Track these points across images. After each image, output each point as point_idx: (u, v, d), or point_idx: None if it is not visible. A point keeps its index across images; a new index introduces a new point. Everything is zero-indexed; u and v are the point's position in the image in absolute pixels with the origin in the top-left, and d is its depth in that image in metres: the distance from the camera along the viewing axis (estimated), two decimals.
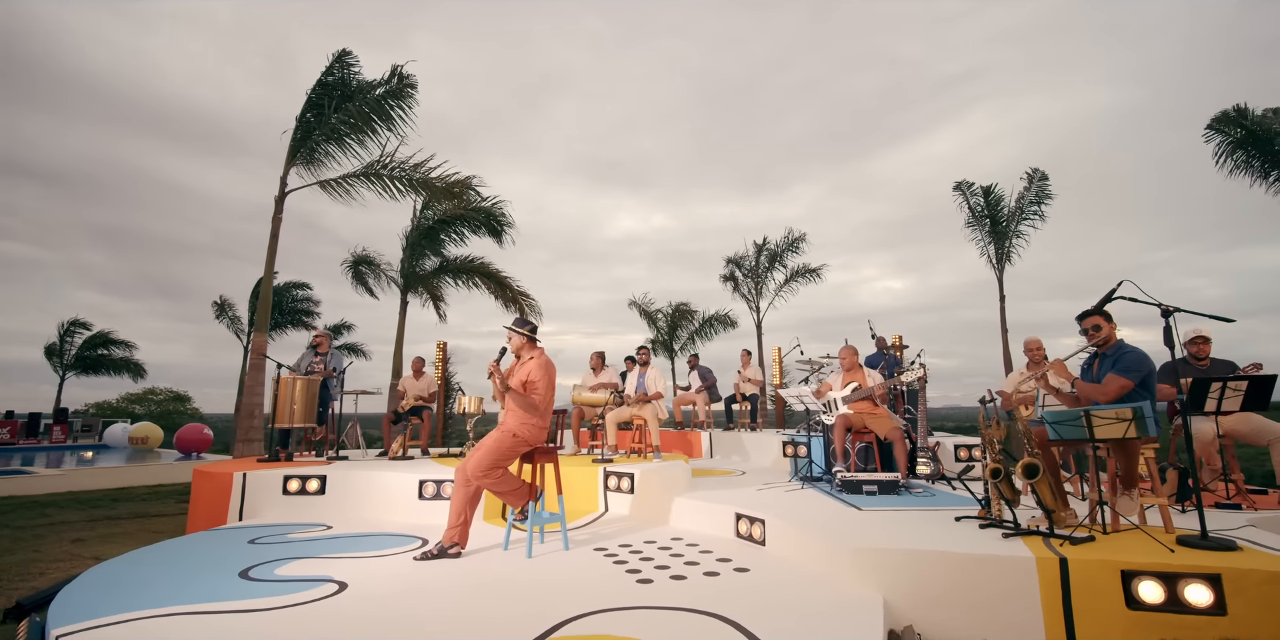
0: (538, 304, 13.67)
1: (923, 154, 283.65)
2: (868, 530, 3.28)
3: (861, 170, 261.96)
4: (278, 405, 6.03)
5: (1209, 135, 10.34)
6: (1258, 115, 9.93)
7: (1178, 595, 2.44)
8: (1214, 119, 10.23)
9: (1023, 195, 12.04)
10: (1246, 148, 9.98)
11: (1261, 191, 10.01)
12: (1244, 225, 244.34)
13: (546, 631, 2.37)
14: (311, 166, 8.55)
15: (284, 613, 2.61)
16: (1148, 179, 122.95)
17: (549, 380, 3.76)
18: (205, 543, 4.03)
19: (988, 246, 12.42)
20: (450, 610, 2.65)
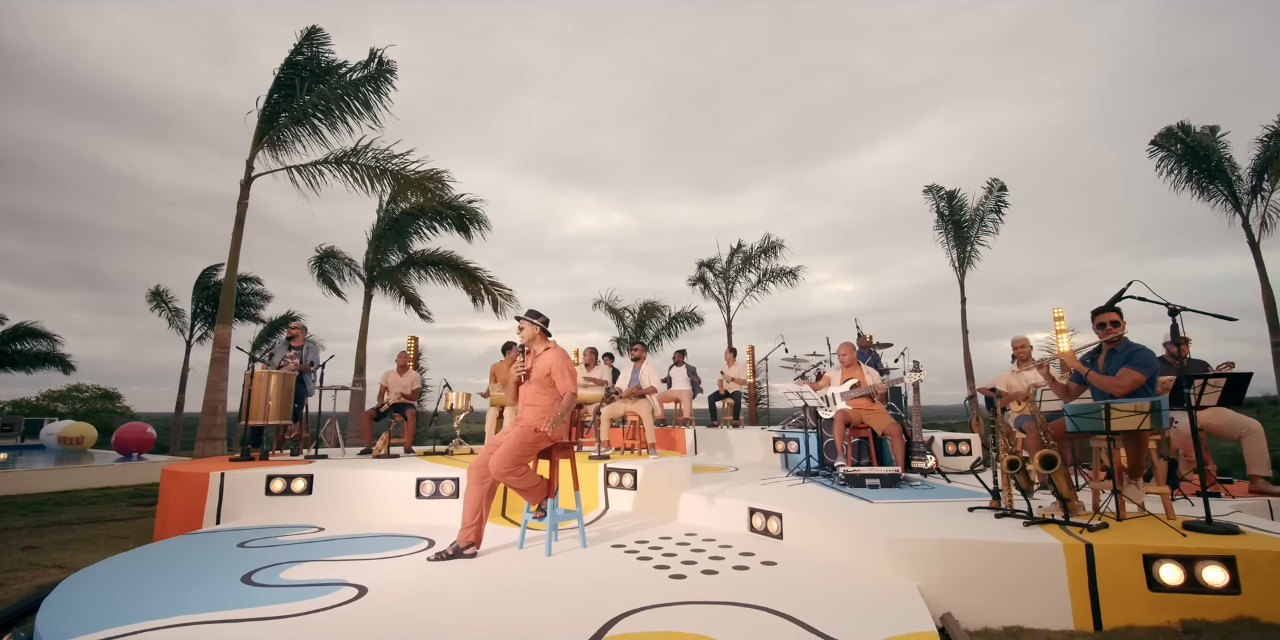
0: (513, 295, 13.39)
1: (879, 160, 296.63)
2: (892, 521, 3.34)
3: (819, 175, 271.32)
4: (251, 401, 5.69)
5: (1153, 150, 11.06)
6: (1197, 132, 10.68)
7: (1196, 577, 2.59)
8: (1158, 135, 10.96)
9: (983, 203, 12.59)
10: (1187, 162, 10.72)
11: (1181, 207, 10.79)
12: (1166, 238, 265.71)
13: (601, 630, 2.31)
14: (278, 151, 8.11)
15: (305, 620, 2.45)
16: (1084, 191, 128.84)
17: (572, 371, 3.67)
18: (189, 547, 3.76)
19: (951, 250, 12.94)
20: (490, 613, 2.55)
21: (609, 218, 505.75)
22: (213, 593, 2.82)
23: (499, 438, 3.65)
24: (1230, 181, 10.28)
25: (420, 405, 13.26)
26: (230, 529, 4.26)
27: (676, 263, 40.57)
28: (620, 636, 2.25)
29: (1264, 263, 9.90)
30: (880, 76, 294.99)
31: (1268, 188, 10.01)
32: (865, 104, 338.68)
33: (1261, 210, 10.06)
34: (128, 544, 4.75)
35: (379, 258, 13.42)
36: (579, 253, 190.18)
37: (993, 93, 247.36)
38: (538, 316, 3.81)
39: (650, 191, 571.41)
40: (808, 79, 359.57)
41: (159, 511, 4.96)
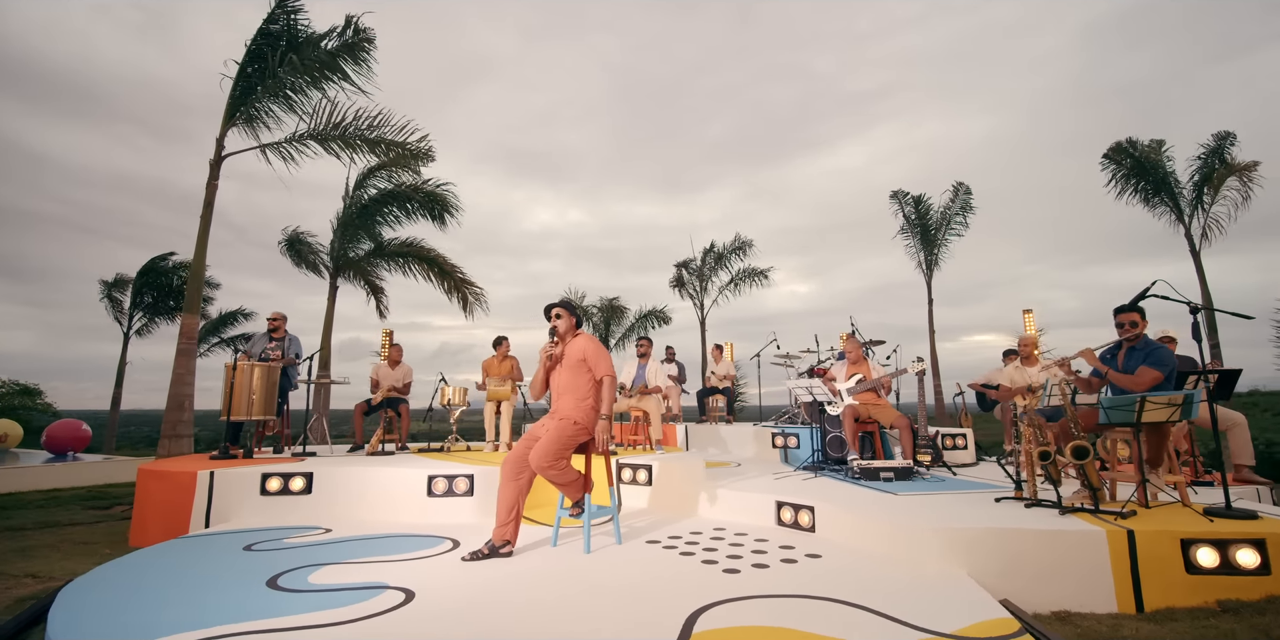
0: (484, 293, 13.06)
1: (832, 165, 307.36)
2: (928, 513, 3.41)
3: (775, 177, 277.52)
4: (233, 395, 5.33)
5: (1104, 163, 11.77)
6: (1144, 147, 11.43)
7: (1229, 559, 2.75)
8: (1109, 149, 11.67)
9: (949, 206, 13.10)
10: (1135, 176, 11.46)
11: (1110, 217, 11.54)
12: (1092, 248, 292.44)
13: (685, 628, 2.25)
14: (252, 126, 7.62)
15: (356, 629, 2.27)
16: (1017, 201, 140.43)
17: (608, 355, 3.59)
18: (190, 551, 3.47)
19: (918, 253, 13.41)
20: (561, 616, 2.46)
21: (567, 214, 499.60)
22: (238, 599, 2.61)
23: (536, 430, 3.53)
24: (1175, 194, 11.06)
25: None
26: (230, 531, 3.96)
27: (636, 261, 40.78)
28: (709, 633, 2.20)
29: (1204, 270, 10.73)
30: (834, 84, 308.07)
31: (1207, 201, 10.83)
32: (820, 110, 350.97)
33: (1202, 222, 10.88)
34: (100, 550, 4.36)
35: (345, 246, 12.83)
36: (537, 249, 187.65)
37: (937, 105, 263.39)
38: (572, 307, 3.70)
39: (610, 189, 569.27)
40: (766, 83, 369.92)
41: (136, 514, 4.58)
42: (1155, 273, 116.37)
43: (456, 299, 13.04)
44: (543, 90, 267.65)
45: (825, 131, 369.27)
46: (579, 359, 3.53)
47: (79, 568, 3.79)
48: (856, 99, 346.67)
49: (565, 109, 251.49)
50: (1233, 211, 10.83)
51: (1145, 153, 11.33)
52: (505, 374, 6.28)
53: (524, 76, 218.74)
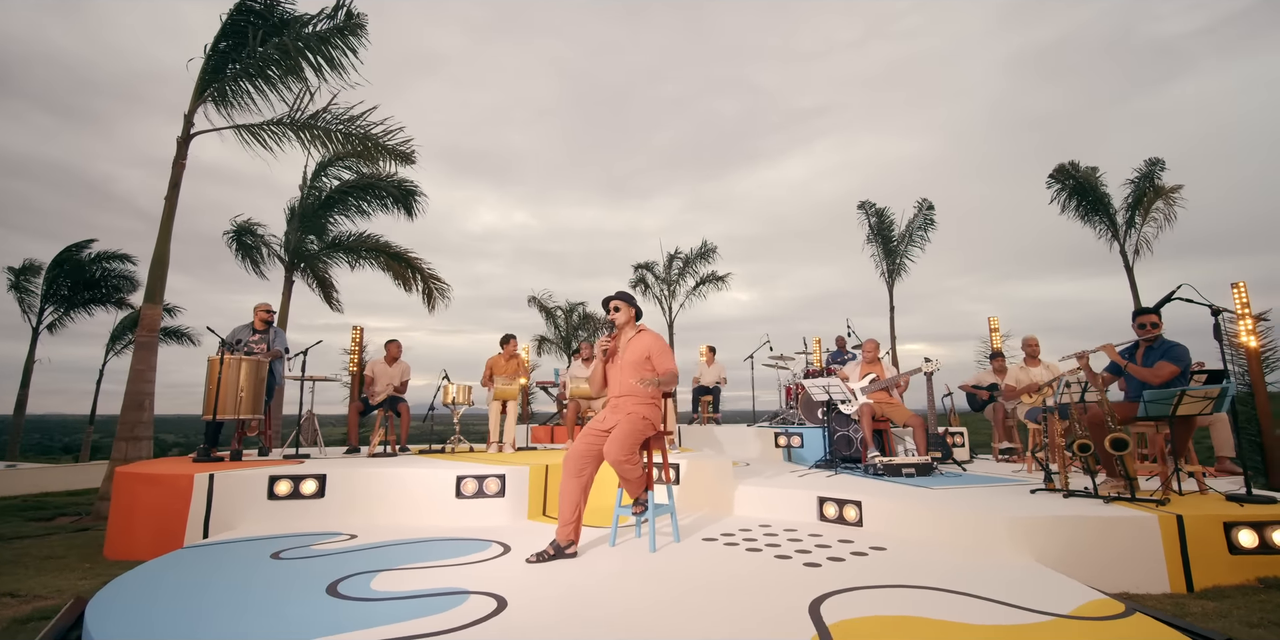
0: (450, 289, 12.58)
1: (774, 177, 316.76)
2: (981, 504, 3.54)
3: (719, 187, 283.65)
4: (219, 392, 4.88)
5: (1050, 182, 12.71)
6: (1084, 170, 12.43)
7: (1266, 539, 2.99)
8: (1055, 170, 12.61)
9: (913, 220, 13.79)
10: (1075, 195, 12.44)
11: (1026, 237, 12.57)
12: (1010, 263, 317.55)
13: (815, 620, 2.22)
14: (225, 107, 7.03)
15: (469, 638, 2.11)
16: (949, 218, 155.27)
17: (672, 354, 3.51)
18: (209, 561, 3.12)
19: (881, 261, 14.01)
20: (683, 614, 2.37)
21: (512, 216, 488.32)
22: (309, 610, 2.37)
23: (597, 425, 3.40)
24: (1111, 214, 12.09)
25: None
26: (244, 539, 3.60)
27: (583, 266, 40.64)
28: (845, 623, 2.18)
29: (1136, 285, 11.76)
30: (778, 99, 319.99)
31: (1139, 222, 11.89)
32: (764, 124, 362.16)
33: (1135, 240, 11.94)
34: (73, 564, 3.88)
35: (301, 239, 12.08)
36: (479, 250, 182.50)
37: (873, 125, 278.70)
38: (632, 299, 3.60)
39: (557, 192, 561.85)
40: (713, 94, 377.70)
41: (115, 523, 4.10)
42: (1077, 287, 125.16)
43: (420, 293, 12.51)
44: (490, 90, 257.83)
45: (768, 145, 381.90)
46: (642, 356, 3.42)
47: (61, 584, 3.36)
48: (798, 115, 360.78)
49: (513, 110, 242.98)
50: (1159, 232, 11.94)
51: (1085, 174, 12.34)
52: (513, 373, 6.07)
53: (470, 75, 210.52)
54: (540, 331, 19.16)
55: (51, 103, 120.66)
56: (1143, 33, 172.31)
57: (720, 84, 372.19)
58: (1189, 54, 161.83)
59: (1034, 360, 5.44)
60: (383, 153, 8.12)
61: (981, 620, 2.21)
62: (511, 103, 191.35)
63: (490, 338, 5.40)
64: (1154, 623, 2.19)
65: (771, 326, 26.38)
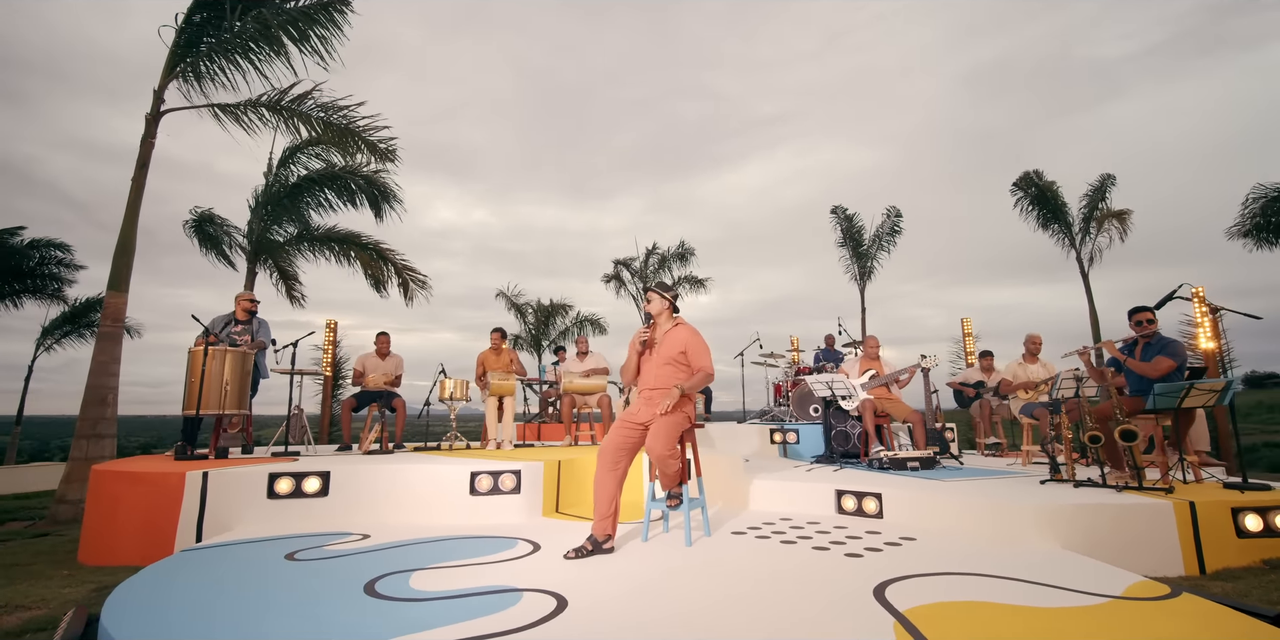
0: (428, 281, 12.18)
1: (734, 182, 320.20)
2: (999, 494, 3.64)
3: (681, 190, 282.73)
4: (203, 385, 4.56)
5: (1014, 190, 13.31)
6: (1044, 181, 13.06)
7: (1269, 523, 3.18)
8: (1019, 178, 13.22)
9: (881, 226, 14.20)
10: (1036, 204, 13.06)
11: (971, 245, 13.18)
12: (957, 270, 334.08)
13: (887, 607, 2.23)
14: (196, 85, 6.62)
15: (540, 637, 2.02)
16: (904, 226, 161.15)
17: (709, 351, 3.46)
18: (217, 564, 2.90)
19: (853, 265, 14.37)
20: (752, 606, 2.34)
21: (471, 213, 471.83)
22: (345, 612, 2.22)
23: (631, 418, 3.33)
24: (1069, 223, 12.76)
25: None
26: (249, 541, 3.37)
27: (544, 264, 40.29)
28: (921, 608, 2.19)
29: (1092, 290, 12.46)
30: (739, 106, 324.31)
31: (1093, 231, 12.59)
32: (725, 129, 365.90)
33: (1090, 248, 12.63)
34: (46, 570, 3.57)
35: (266, 228, 11.50)
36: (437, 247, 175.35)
37: (831, 134, 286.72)
38: (668, 289, 3.55)
39: (518, 190, 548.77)
40: (675, 98, 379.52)
41: (90, 527, 3.78)
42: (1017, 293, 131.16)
43: (397, 287, 12.09)
44: (449, 84, 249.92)
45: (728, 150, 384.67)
46: (679, 351, 3.33)
47: (44, 593, 3.08)
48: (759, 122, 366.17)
49: (473, 105, 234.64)
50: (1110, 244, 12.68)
51: (1046, 185, 12.98)
52: (505, 367, 5.91)
53: (429, 68, 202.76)
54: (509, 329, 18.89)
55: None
56: (1080, 56, 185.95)
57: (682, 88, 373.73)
58: (1122, 77, 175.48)
59: (1033, 357, 5.66)
60: (363, 147, 7.82)
61: (1043, 603, 2.26)
62: (471, 97, 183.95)
63: (446, 337, 5.26)
64: (1205, 602, 2.28)
65: (729, 329, 26.83)
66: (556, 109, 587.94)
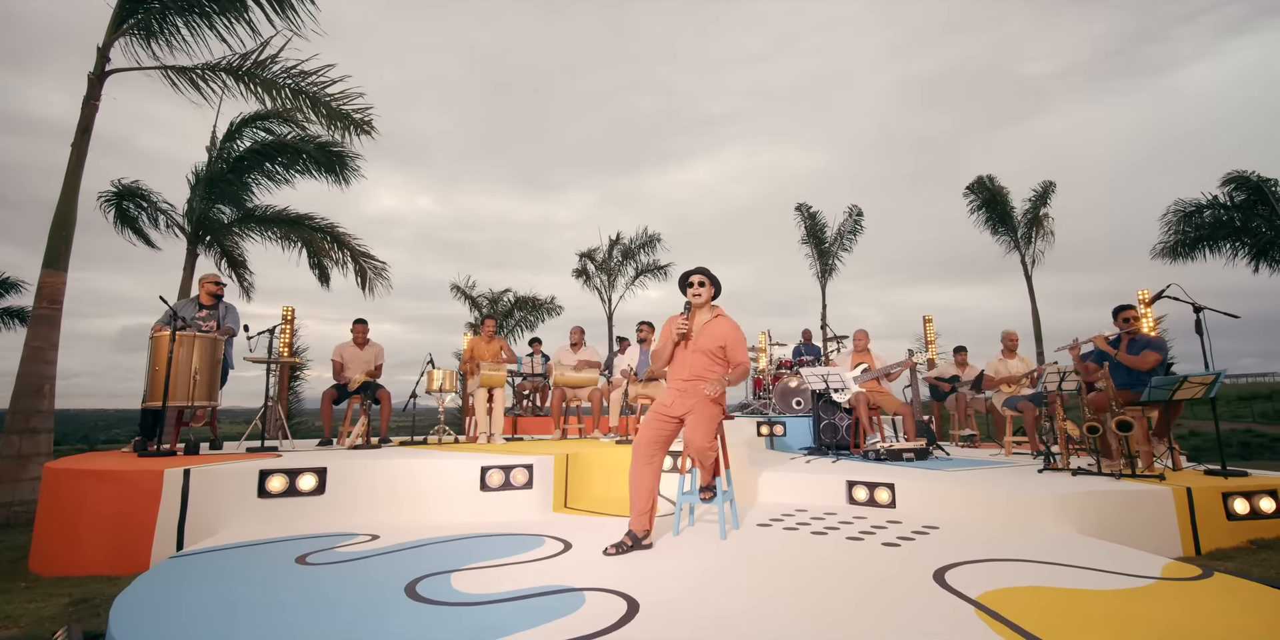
0: (387, 269, 11.58)
1: (683, 179, 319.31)
2: (1010, 483, 3.77)
3: (631, 184, 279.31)
4: (169, 373, 4.14)
5: (966, 193, 13.96)
6: (994, 185, 13.77)
7: (1255, 507, 3.43)
8: (972, 182, 13.88)
9: (844, 223, 14.59)
10: (986, 207, 13.76)
11: (907, 248, 13.94)
12: (894, 271, 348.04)
13: (961, 596, 2.24)
14: (149, 44, 5.98)
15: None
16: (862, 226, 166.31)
17: (745, 342, 3.39)
18: (222, 568, 2.62)
19: (816, 262, 14.72)
20: (822, 598, 2.30)
21: (415, 201, 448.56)
22: (396, 618, 2.05)
23: (663, 410, 3.22)
24: (1015, 227, 13.52)
25: None
26: (252, 543, 3.06)
27: (492, 256, 39.29)
28: (991, 593, 2.22)
29: (1034, 290, 13.28)
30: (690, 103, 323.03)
31: (1035, 236, 13.41)
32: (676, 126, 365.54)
33: (1032, 251, 13.44)
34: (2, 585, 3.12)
35: (209, 207, 10.63)
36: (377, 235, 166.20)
37: (777, 136, 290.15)
38: (714, 277, 3.39)
39: (465, 179, 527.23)
40: (629, 93, 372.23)
41: (43, 533, 3.36)
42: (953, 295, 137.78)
43: (355, 273, 11.44)
44: (395, 66, 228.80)
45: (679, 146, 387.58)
46: (718, 345, 3.22)
47: (8, 610, 2.71)
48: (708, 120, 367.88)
49: (421, 90, 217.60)
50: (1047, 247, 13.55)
51: (998, 189, 13.69)
52: (495, 356, 5.68)
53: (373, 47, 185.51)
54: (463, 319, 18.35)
55: None
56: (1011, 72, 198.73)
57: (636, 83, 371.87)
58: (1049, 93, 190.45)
59: (1011, 353, 5.92)
60: (336, 119, 7.31)
61: (1098, 586, 2.33)
62: (419, 82, 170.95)
63: (387, 328, 5.03)
64: (1238, 580, 2.42)
65: None
66: (508, 97, 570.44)
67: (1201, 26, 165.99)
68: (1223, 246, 11.69)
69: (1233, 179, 11.40)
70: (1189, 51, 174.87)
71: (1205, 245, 11.74)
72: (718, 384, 3.12)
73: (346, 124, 7.16)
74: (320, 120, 7.07)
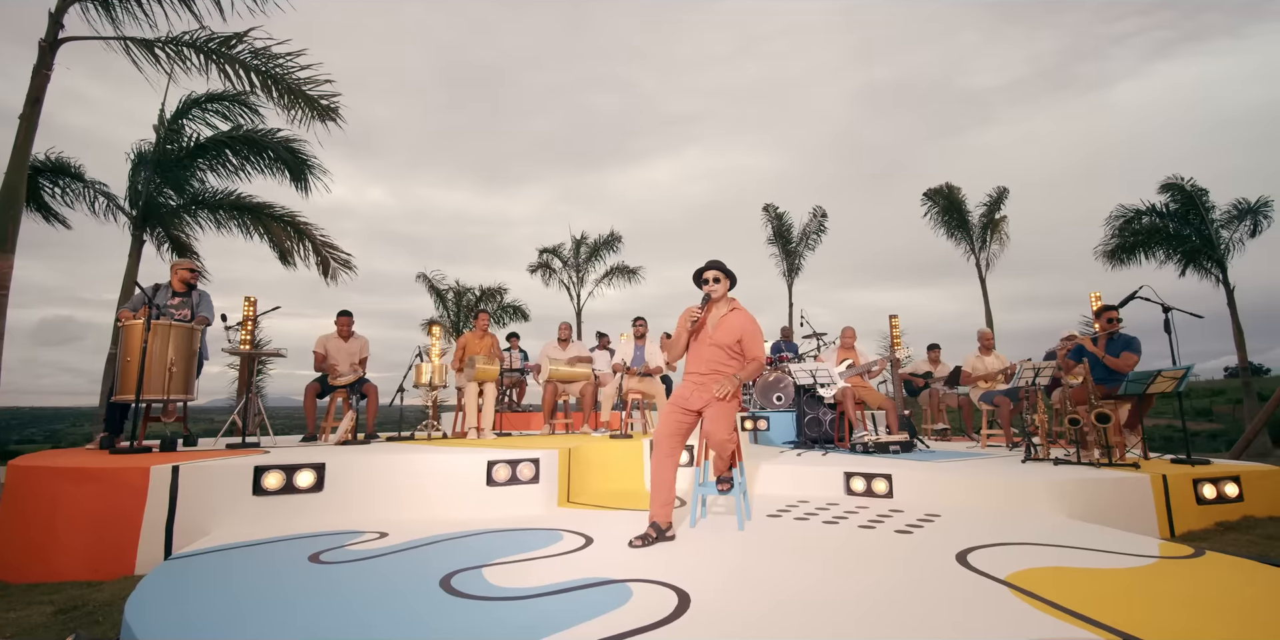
0: (353, 260, 11.12)
1: (644, 177, 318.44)
2: (1002, 472, 3.95)
3: (591, 182, 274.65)
4: (144, 364, 3.87)
5: (924, 200, 14.53)
6: (950, 191, 14.39)
7: (1220, 492, 3.71)
8: (927, 191, 14.45)
9: (809, 224, 14.94)
10: (944, 212, 14.36)
11: (860, 250, 14.55)
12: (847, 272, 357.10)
13: (990, 577, 2.34)
14: (108, 12, 5.55)
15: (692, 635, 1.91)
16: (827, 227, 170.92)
17: (762, 336, 3.42)
18: (230, 568, 2.47)
19: (782, 261, 15.02)
20: (857, 583, 2.36)
21: (366, 192, 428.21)
22: (436, 613, 1.99)
23: (681, 403, 3.22)
24: (970, 231, 14.16)
25: None
26: (257, 542, 2.90)
27: (448, 250, 38.69)
28: (1018, 573, 2.32)
29: (988, 292, 13.95)
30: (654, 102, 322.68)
31: (989, 240, 14.10)
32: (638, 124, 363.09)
33: (986, 255, 14.12)
34: None
35: (156, 191, 9.97)
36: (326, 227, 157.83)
37: (735, 138, 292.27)
38: (730, 271, 3.40)
39: (419, 171, 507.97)
40: (590, 90, 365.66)
41: (6, 536, 3.09)
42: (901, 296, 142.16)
43: (316, 264, 10.96)
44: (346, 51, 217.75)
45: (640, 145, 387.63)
46: (734, 338, 3.23)
47: None
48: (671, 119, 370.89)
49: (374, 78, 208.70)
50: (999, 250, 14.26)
51: (952, 195, 14.30)
52: (488, 351, 5.56)
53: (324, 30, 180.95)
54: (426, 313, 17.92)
55: None
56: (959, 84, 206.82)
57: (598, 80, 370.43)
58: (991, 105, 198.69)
59: (987, 351, 6.20)
60: (301, 103, 6.98)
61: (1109, 566, 2.48)
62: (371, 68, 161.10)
63: (329, 324, 4.84)
64: (1228, 557, 2.61)
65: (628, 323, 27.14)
66: (465, 89, 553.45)
67: (1131, 48, 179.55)
68: (1157, 252, 12.57)
69: (1170, 186, 12.24)
70: (1121, 70, 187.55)
71: (1142, 250, 12.59)
72: (728, 383, 3.13)
73: (312, 110, 6.84)
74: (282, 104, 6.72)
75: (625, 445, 4.82)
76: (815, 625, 1.90)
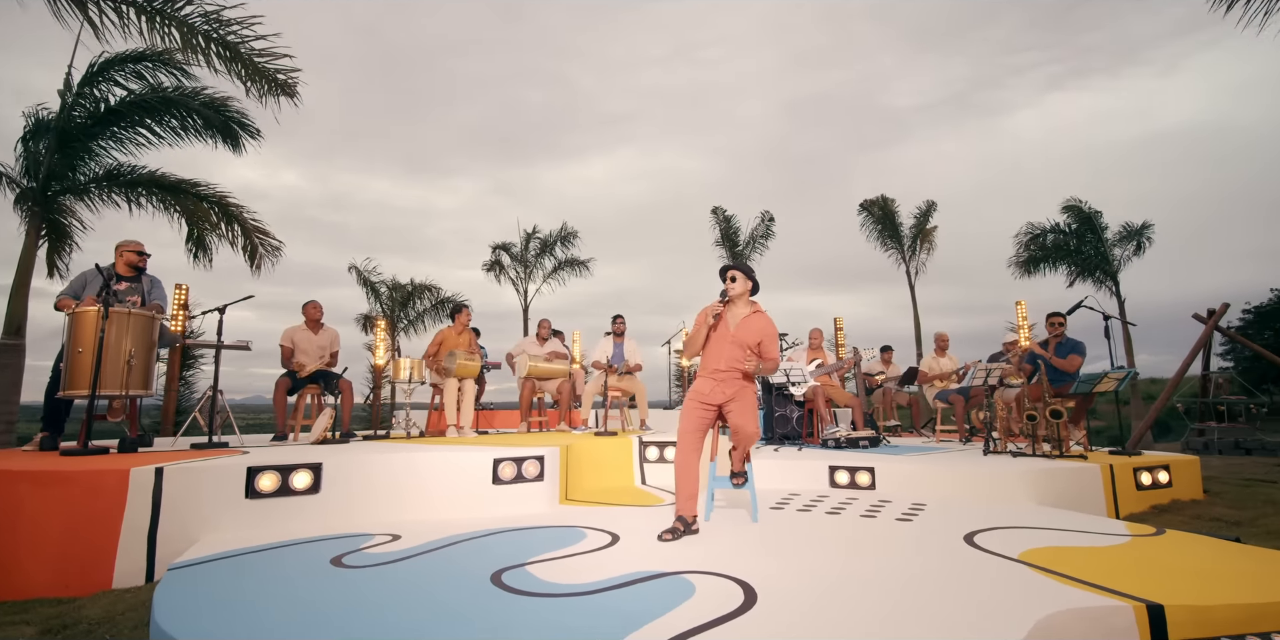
0: (284, 247, 10.34)
1: (579, 174, 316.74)
2: (979, 464, 4.29)
3: (523, 176, 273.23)
4: (101, 357, 3.49)
5: (860, 210, 15.39)
6: (884, 202, 15.31)
7: (1155, 479, 4.21)
8: (863, 202, 15.32)
9: (756, 228, 15.45)
10: (878, 222, 15.26)
11: (786, 257, 15.36)
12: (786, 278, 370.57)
13: (1004, 556, 2.56)
14: None
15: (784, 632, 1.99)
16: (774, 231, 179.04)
17: (778, 339, 3.53)
18: (247, 575, 2.30)
19: None
20: (881, 568, 2.51)
21: (280, 175, 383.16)
22: (504, 610, 1.97)
23: (701, 399, 3.28)
24: (901, 241, 15.16)
25: None
26: (261, 548, 2.68)
27: (367, 241, 36.52)
28: (1028, 552, 2.56)
29: (916, 299, 14.99)
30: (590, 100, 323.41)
31: (919, 249, 15.15)
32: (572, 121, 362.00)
33: (915, 264, 15.17)
34: None
35: (65, 163, 8.90)
36: None
37: (670, 140, 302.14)
38: (752, 272, 3.50)
39: (338, 156, 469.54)
40: (522, 83, 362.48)
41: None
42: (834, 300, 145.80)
43: (242, 249, 10.13)
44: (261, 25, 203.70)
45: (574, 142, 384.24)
46: (754, 340, 3.31)
47: None
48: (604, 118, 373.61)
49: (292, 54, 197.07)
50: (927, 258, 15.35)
51: (886, 206, 15.25)
52: (467, 347, 5.39)
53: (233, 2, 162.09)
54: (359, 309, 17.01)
55: None
56: (881, 103, 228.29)
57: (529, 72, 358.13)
58: (910, 125, 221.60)
59: (942, 352, 6.68)
60: (257, 75, 6.49)
61: (1098, 544, 2.78)
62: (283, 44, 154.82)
63: (243, 315, 4.64)
64: (1185, 534, 2.99)
65: (570, 320, 27.16)
66: (387, 70, 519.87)
67: (1029, 79, 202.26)
68: (1059, 266, 13.95)
69: (1070, 207, 13.63)
70: (1020, 100, 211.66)
71: (1047, 263, 13.94)
72: (753, 361, 3.26)
73: (269, 82, 6.37)
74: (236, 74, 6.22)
75: (614, 443, 4.84)
76: (876, 602, 2.03)
